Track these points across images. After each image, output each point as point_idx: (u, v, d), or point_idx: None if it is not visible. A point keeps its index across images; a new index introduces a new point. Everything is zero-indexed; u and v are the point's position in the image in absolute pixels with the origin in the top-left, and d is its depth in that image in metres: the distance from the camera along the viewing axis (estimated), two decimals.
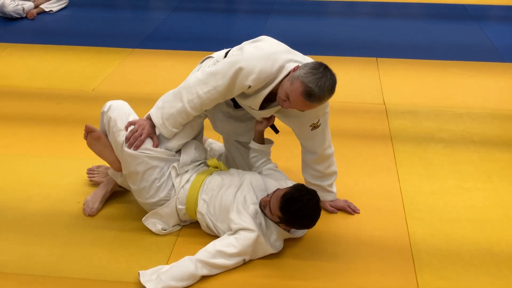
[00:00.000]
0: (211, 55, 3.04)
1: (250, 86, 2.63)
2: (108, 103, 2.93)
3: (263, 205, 2.70)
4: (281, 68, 2.63)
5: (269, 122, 2.98)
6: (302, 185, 2.70)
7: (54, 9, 6.67)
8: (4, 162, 3.54)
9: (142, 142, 2.74)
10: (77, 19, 6.54)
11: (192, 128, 2.89)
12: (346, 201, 3.11)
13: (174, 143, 2.84)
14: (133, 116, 2.88)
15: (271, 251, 2.71)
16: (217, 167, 2.97)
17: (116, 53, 5.40)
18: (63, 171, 3.39)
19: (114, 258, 2.73)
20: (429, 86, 4.73)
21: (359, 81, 4.83)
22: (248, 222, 2.65)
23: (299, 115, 2.78)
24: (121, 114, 2.85)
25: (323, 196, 3.08)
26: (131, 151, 2.76)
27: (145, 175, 2.80)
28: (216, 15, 6.83)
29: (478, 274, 2.66)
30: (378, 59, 5.29)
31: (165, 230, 2.88)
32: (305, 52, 5.42)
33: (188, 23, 6.43)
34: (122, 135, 2.78)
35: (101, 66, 5.08)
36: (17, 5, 6.35)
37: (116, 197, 3.12)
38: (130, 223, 2.94)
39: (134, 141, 2.74)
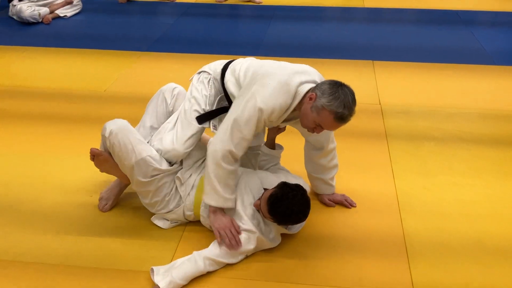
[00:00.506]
0: (206, 70, 2.96)
1: (272, 120, 2.62)
2: (108, 127, 2.76)
3: (257, 209, 2.70)
4: (295, 95, 2.58)
5: (282, 129, 2.99)
6: (285, 183, 2.64)
7: (68, 15, 6.69)
8: (20, 159, 3.56)
9: (237, 240, 2.62)
10: (90, 24, 6.55)
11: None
12: (343, 195, 3.12)
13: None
14: (137, 137, 2.76)
15: (270, 246, 2.73)
16: None
17: (126, 56, 5.41)
18: (77, 167, 3.40)
19: (125, 248, 2.76)
20: (422, 87, 4.74)
21: (356, 82, 4.78)
22: (248, 224, 2.66)
23: None
24: (124, 139, 2.72)
25: (323, 189, 3.09)
26: (142, 179, 2.74)
27: (157, 192, 2.80)
28: (221, 21, 6.84)
29: (468, 264, 2.68)
30: (374, 61, 5.29)
31: (173, 224, 2.90)
32: (305, 55, 5.47)
33: (194, 28, 6.44)
34: (130, 159, 2.70)
35: (113, 68, 5.10)
36: (34, 10, 6.36)
37: (127, 191, 3.12)
38: (139, 216, 2.96)
39: (232, 243, 2.62)
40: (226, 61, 2.95)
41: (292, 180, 2.81)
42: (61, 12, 6.63)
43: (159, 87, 3.07)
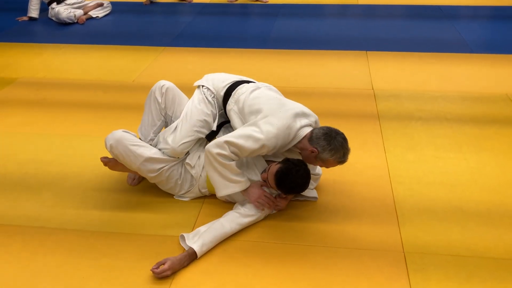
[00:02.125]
0: (210, 88, 2.88)
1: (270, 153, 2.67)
2: (107, 142, 2.69)
3: (263, 180, 2.70)
4: (294, 137, 2.62)
5: None
6: (288, 159, 2.65)
7: (100, 15, 6.68)
8: (63, 140, 3.58)
9: (273, 199, 2.68)
10: (119, 23, 6.54)
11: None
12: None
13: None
14: (134, 143, 2.69)
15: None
16: None
17: (151, 50, 5.40)
18: None
19: (152, 217, 2.78)
20: (410, 73, 4.71)
21: (352, 70, 4.81)
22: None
23: None
24: (124, 149, 2.66)
25: None
26: (151, 174, 2.73)
27: (168, 179, 2.80)
28: (232, 18, 6.80)
29: (450, 227, 2.68)
30: (368, 52, 5.25)
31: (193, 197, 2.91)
32: (306, 47, 5.44)
33: (209, 25, 6.41)
34: (134, 163, 2.68)
35: (139, 62, 5.09)
36: (70, 12, 6.36)
37: None
38: (163, 191, 2.94)
39: (271, 204, 2.68)
40: (227, 81, 2.89)
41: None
42: (93, 13, 6.62)
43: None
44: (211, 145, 2.58)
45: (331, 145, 2.53)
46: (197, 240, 2.47)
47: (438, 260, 2.46)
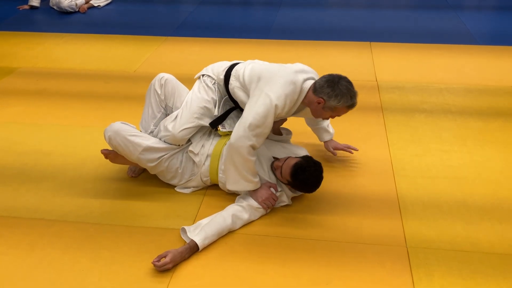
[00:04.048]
0: (210, 74, 2.87)
1: (282, 114, 2.64)
2: (106, 134, 2.71)
3: (274, 168, 2.69)
4: (301, 91, 2.60)
5: (284, 120, 2.98)
6: (310, 157, 2.66)
7: (102, 4, 6.65)
8: (63, 131, 3.56)
9: (274, 200, 2.68)
10: (121, 12, 6.50)
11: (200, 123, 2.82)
12: (345, 144, 3.11)
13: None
14: (132, 133, 2.69)
15: (286, 202, 2.75)
16: (227, 134, 2.84)
17: (152, 40, 5.37)
18: None
19: (154, 209, 2.76)
20: (414, 65, 4.67)
21: (355, 61, 4.77)
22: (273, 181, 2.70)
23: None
24: (122, 140, 2.67)
25: (324, 136, 3.09)
26: (150, 164, 2.72)
27: (168, 168, 2.79)
28: (235, 8, 6.76)
29: (454, 221, 2.66)
30: (371, 43, 5.21)
31: (195, 189, 2.89)
32: (310, 38, 5.40)
33: (212, 15, 6.38)
34: (133, 154, 2.68)
35: (141, 52, 5.06)
36: (71, 1, 6.34)
37: None
38: (164, 183, 2.92)
39: (271, 204, 2.68)
40: (226, 65, 2.87)
41: (296, 150, 2.82)
42: (95, 2, 6.59)
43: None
44: (239, 138, 2.52)
45: (336, 90, 2.51)
46: (198, 232, 2.45)
47: (441, 255, 2.43)
